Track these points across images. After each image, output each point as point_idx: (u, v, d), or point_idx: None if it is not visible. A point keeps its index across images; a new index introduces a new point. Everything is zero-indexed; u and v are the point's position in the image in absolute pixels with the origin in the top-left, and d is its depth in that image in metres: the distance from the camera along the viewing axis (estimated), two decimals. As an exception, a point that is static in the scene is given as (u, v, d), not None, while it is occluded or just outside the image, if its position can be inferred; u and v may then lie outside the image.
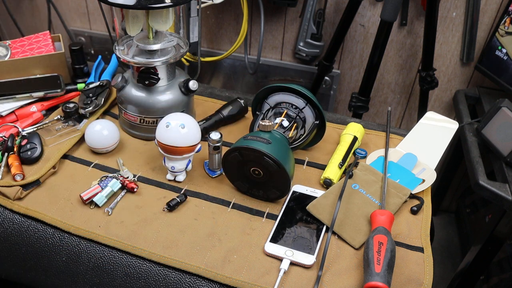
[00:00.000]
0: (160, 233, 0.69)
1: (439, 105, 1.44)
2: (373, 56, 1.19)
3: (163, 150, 0.75)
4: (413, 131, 0.88)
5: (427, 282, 0.63)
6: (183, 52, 0.85)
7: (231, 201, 0.75)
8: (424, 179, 0.78)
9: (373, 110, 1.52)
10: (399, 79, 1.44)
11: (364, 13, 1.34)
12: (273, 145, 0.69)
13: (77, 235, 0.69)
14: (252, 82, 1.57)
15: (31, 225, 0.71)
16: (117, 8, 0.82)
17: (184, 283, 0.64)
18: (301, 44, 1.41)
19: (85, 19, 1.65)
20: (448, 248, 1.57)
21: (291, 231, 0.69)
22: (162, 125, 0.73)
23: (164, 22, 0.81)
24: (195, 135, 0.74)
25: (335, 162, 0.81)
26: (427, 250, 0.68)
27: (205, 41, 1.55)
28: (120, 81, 0.84)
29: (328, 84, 1.47)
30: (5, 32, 1.78)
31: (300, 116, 0.81)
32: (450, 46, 1.33)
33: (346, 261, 0.66)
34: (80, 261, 0.68)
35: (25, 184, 0.75)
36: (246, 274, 0.64)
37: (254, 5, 1.40)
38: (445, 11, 1.28)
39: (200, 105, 0.98)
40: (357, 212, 0.72)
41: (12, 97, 0.93)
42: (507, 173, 0.96)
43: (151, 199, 0.75)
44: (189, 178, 0.79)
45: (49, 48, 1.02)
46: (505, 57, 1.16)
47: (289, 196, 0.76)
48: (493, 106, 1.01)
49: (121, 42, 0.87)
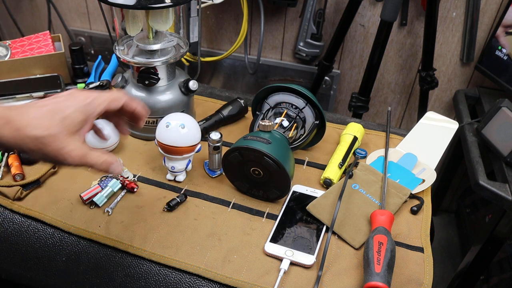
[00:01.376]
0: (160, 233, 0.69)
1: (439, 105, 1.44)
2: (373, 56, 1.19)
3: (163, 150, 0.75)
4: (413, 131, 0.88)
5: (427, 282, 0.63)
6: (183, 52, 0.85)
7: (231, 201, 0.75)
8: (424, 179, 0.78)
9: (373, 110, 1.52)
10: (399, 79, 1.44)
11: (364, 13, 1.34)
12: (273, 145, 0.69)
13: (77, 235, 0.69)
14: (252, 82, 1.57)
15: (31, 225, 0.71)
16: (117, 8, 0.82)
17: (184, 283, 0.64)
18: (301, 44, 1.41)
19: (85, 19, 1.65)
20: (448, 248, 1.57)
21: (291, 231, 0.69)
22: (162, 125, 0.73)
23: (164, 22, 0.81)
24: (195, 135, 0.74)
25: (335, 162, 0.81)
26: (427, 250, 0.68)
27: (205, 41, 1.55)
28: (120, 81, 0.84)
29: (328, 84, 1.47)
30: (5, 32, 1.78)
31: (300, 116, 0.81)
32: (450, 46, 1.33)
33: (346, 261, 0.66)
34: (80, 261, 0.68)
35: (25, 184, 0.75)
36: (246, 274, 0.64)
37: (254, 5, 1.40)
38: (445, 11, 1.27)
39: (200, 105, 0.98)
40: (357, 212, 0.72)
41: (12, 97, 0.93)
42: (507, 173, 0.96)
43: (151, 199, 0.75)
44: (189, 178, 0.79)
45: (49, 48, 1.02)
46: (505, 57, 1.16)
47: (289, 196, 0.76)
48: (493, 106, 1.01)
49: (121, 42, 0.87)
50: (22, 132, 0.48)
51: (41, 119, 0.49)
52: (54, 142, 0.49)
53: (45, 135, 0.48)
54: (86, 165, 0.53)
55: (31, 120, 0.48)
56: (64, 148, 0.50)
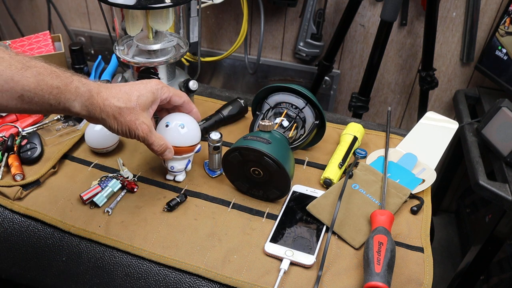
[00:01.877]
0: (160, 233, 0.69)
1: (439, 105, 1.44)
2: (373, 56, 1.19)
3: (163, 150, 0.75)
4: (413, 131, 0.88)
5: (427, 282, 0.63)
6: (183, 52, 0.85)
7: (231, 201, 0.75)
8: (424, 179, 0.78)
9: (373, 110, 1.52)
10: (399, 79, 1.44)
11: (364, 13, 1.34)
12: (273, 145, 0.69)
13: (77, 235, 0.69)
14: (252, 82, 1.57)
15: (31, 225, 0.71)
16: (117, 8, 0.82)
17: (184, 283, 0.64)
18: (301, 44, 1.41)
19: (85, 19, 1.65)
20: (448, 248, 1.57)
21: (291, 231, 0.69)
22: (162, 125, 0.73)
23: (164, 22, 0.81)
24: (194, 135, 0.74)
25: (335, 162, 0.81)
26: (427, 250, 0.68)
27: (205, 41, 1.55)
28: (120, 81, 0.84)
29: (328, 84, 1.47)
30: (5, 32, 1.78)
31: (300, 116, 0.81)
32: (450, 46, 1.33)
33: (346, 261, 0.66)
34: (80, 261, 0.68)
35: (25, 184, 0.75)
36: (246, 274, 0.64)
37: (254, 5, 1.40)
38: (445, 11, 1.28)
39: (200, 105, 0.98)
40: (357, 212, 0.72)
41: (12, 97, 0.93)
42: (507, 173, 0.96)
43: (151, 199, 0.75)
44: (189, 178, 0.79)
45: (49, 48, 1.02)
46: (505, 57, 1.16)
47: (289, 196, 0.76)
48: (493, 106, 1.01)
49: (121, 42, 0.87)
50: (108, 101, 0.61)
51: (122, 94, 0.62)
52: (131, 113, 0.62)
53: (125, 107, 0.62)
54: (148, 141, 0.65)
55: (115, 93, 0.61)
56: (138, 120, 0.63)
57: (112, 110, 0.61)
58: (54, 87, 0.56)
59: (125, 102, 0.62)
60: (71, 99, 0.58)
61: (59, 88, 0.57)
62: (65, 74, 0.59)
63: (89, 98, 0.60)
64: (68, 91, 0.58)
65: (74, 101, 0.58)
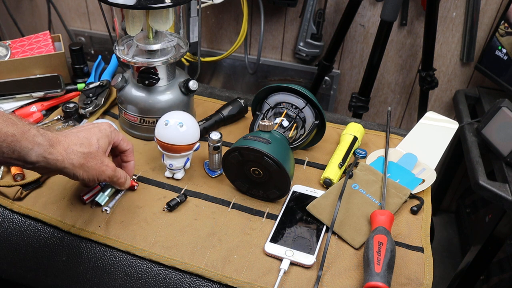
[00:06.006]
0: (160, 233, 0.69)
1: (439, 105, 1.44)
2: (373, 56, 1.19)
3: (161, 148, 0.75)
4: (413, 131, 0.88)
5: (427, 282, 0.63)
6: (183, 52, 0.85)
7: (231, 201, 0.75)
8: (424, 179, 0.78)
9: (373, 110, 1.52)
10: (399, 79, 1.44)
11: (364, 13, 1.34)
12: (273, 145, 0.69)
13: (77, 235, 0.69)
14: (252, 82, 1.57)
15: (31, 225, 0.71)
16: (117, 8, 0.82)
17: (184, 283, 0.64)
18: (301, 44, 1.41)
19: (85, 19, 1.65)
20: (448, 248, 1.57)
21: (291, 231, 0.69)
22: (161, 123, 0.74)
23: (164, 22, 0.81)
24: (193, 134, 0.74)
25: (335, 162, 0.81)
26: (427, 250, 0.68)
27: (205, 41, 1.55)
28: (120, 81, 0.84)
29: (328, 84, 1.47)
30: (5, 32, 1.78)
31: (300, 116, 0.81)
32: (450, 46, 1.33)
33: (346, 261, 0.66)
34: (80, 261, 0.68)
35: (25, 184, 0.75)
36: (246, 274, 0.64)
37: (254, 5, 1.40)
38: (445, 11, 1.28)
39: (200, 105, 0.98)
40: (357, 212, 0.72)
41: (12, 97, 0.93)
42: (507, 173, 0.96)
43: (151, 199, 0.75)
44: (189, 178, 0.79)
45: (49, 48, 1.02)
46: (505, 57, 1.16)
47: (289, 196, 0.76)
48: (493, 106, 1.01)
49: (121, 42, 0.87)
50: (71, 148, 0.60)
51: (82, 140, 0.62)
52: (95, 157, 0.62)
53: (89, 152, 0.61)
54: (116, 177, 0.67)
55: (76, 140, 0.61)
56: (103, 162, 0.64)
57: (77, 157, 0.59)
58: (9, 134, 0.53)
59: (88, 147, 0.61)
60: (28, 147, 0.55)
61: (15, 136, 0.54)
62: (22, 122, 0.56)
63: (48, 148, 0.57)
64: (25, 139, 0.55)
65: (31, 150, 0.55)
